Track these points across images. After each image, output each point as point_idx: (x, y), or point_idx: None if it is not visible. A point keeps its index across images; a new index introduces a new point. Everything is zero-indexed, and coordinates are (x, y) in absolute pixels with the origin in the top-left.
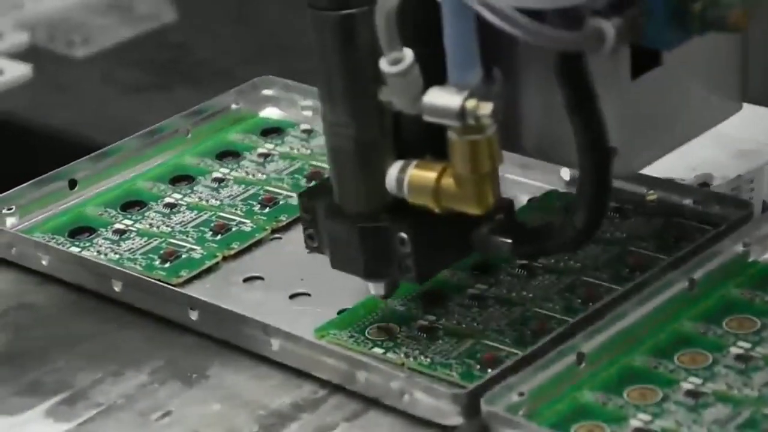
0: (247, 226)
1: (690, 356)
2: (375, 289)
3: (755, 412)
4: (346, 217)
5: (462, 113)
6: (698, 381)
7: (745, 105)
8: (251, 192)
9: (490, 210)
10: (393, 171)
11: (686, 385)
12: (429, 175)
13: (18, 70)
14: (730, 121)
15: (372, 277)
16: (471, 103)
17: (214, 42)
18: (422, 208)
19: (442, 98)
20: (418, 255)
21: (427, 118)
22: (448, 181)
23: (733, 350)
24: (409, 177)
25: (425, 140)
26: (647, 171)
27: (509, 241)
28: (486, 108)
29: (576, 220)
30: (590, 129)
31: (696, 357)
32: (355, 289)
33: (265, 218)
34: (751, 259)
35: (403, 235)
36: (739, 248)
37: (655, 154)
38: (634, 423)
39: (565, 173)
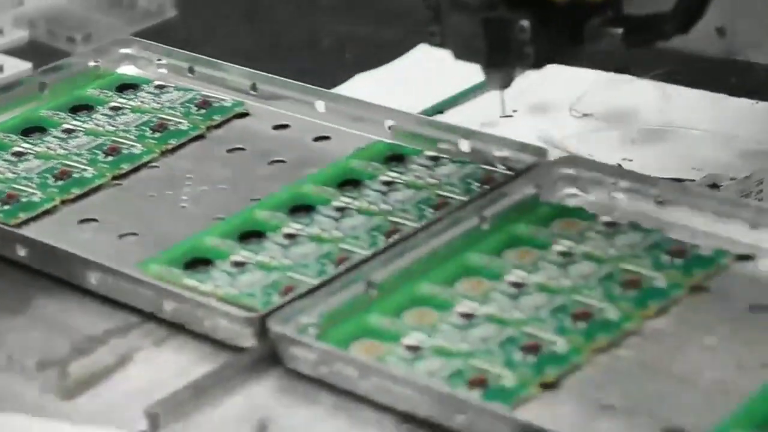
0: (89, 173)
1: (470, 284)
2: (492, 81)
3: (518, 331)
4: (469, 8)
5: None
6: (474, 305)
7: (754, 103)
8: (98, 142)
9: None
10: None
11: (460, 309)
12: None
13: (18, 67)
14: (738, 121)
15: (492, 66)
16: None
17: (219, 40)
18: None
19: None
20: (537, 42)
21: None
22: None
23: (509, 278)
24: None
25: None
26: (656, 172)
27: (620, 30)
28: None
29: (682, 3)
30: None
31: (475, 285)
32: (180, 233)
33: (107, 166)
34: (542, 200)
35: (524, 22)
36: (531, 190)
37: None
38: (408, 341)
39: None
